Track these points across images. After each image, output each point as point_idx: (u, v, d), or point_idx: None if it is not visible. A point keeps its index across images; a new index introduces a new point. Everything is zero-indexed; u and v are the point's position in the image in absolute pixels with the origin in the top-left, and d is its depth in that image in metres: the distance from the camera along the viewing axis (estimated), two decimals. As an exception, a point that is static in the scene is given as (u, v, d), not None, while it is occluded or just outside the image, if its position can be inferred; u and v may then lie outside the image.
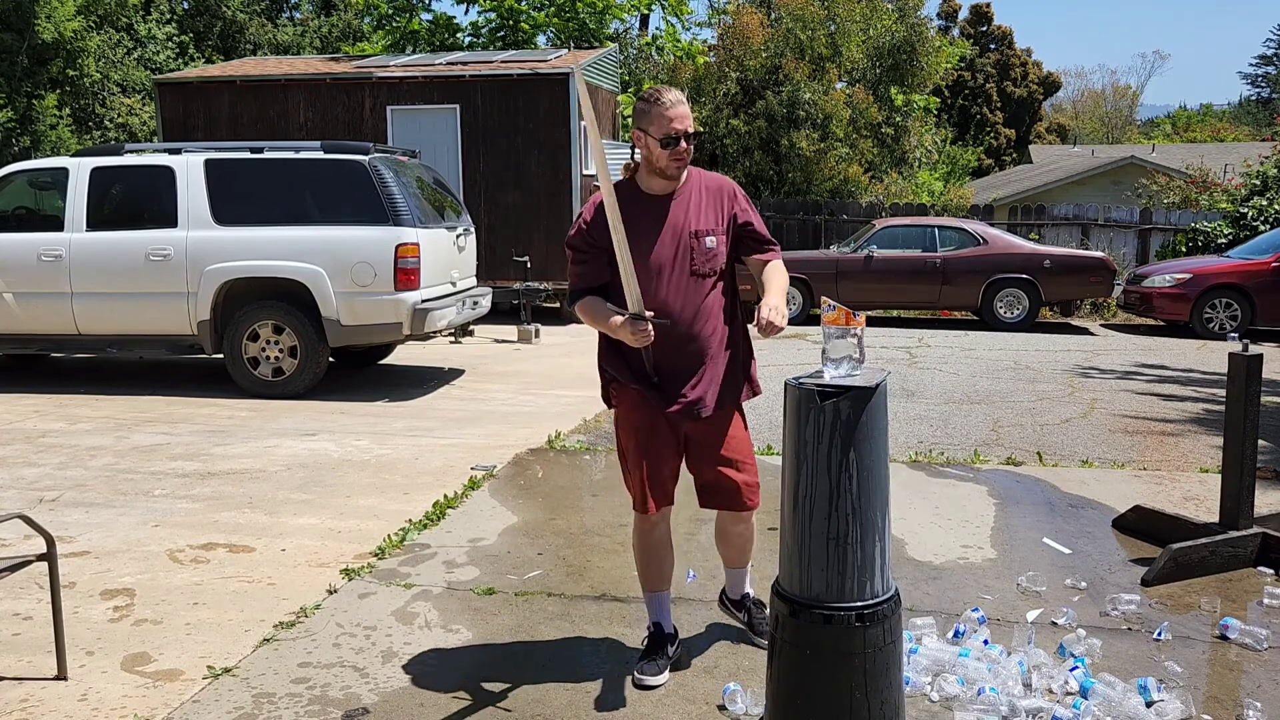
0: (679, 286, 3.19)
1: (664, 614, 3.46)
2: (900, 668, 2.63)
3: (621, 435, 3.36)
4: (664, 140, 3.12)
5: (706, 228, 3.22)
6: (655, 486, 3.29)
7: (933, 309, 14.30)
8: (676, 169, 3.19)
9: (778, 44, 20.93)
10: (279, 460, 6.17)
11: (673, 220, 3.21)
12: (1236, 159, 25.20)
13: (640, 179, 3.27)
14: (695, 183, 3.29)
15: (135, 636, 3.70)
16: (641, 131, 3.18)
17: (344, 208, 8.01)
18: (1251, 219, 15.59)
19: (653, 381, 3.23)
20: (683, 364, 3.21)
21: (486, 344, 11.23)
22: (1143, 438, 7.00)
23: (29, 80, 22.31)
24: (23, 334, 8.41)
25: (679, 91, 3.20)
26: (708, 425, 3.27)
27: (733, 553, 3.55)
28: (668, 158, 3.15)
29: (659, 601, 3.46)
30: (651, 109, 3.14)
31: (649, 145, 3.16)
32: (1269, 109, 59.73)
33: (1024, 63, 44.18)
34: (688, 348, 3.21)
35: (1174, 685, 3.29)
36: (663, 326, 3.11)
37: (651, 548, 3.40)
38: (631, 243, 3.08)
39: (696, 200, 3.25)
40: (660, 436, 3.28)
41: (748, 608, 3.63)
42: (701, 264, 3.21)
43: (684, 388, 3.21)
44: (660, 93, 3.15)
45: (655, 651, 3.39)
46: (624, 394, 3.31)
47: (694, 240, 3.20)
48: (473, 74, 13.35)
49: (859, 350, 2.65)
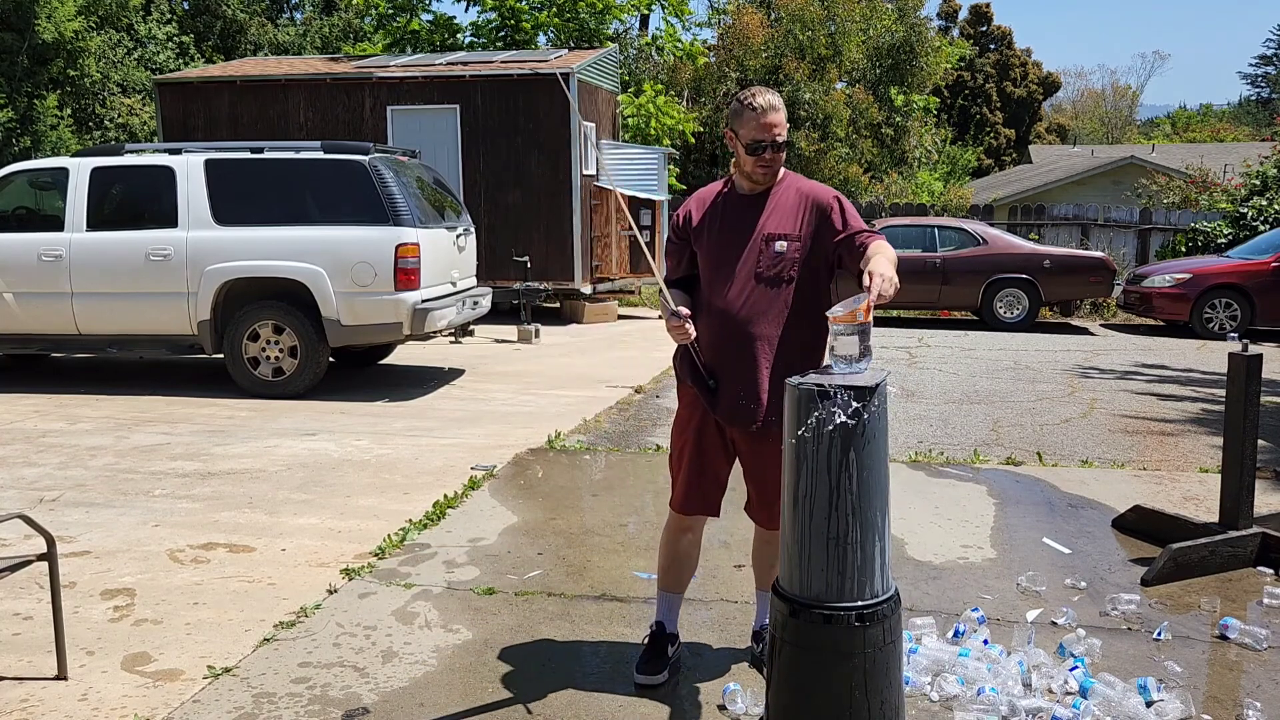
0: (743, 289, 3.12)
1: (671, 615, 3.46)
2: (900, 668, 2.63)
3: (674, 432, 3.36)
4: (750, 146, 3.08)
5: (780, 232, 3.12)
6: (692, 490, 3.28)
7: (933, 309, 14.30)
8: (762, 175, 3.13)
9: (778, 44, 20.94)
10: (279, 460, 6.17)
11: (751, 222, 3.16)
12: (1236, 159, 25.21)
13: (735, 178, 3.24)
14: (788, 186, 3.21)
15: (135, 636, 3.70)
16: (732, 132, 3.13)
17: (344, 208, 8.01)
18: (1251, 219, 15.60)
19: (709, 385, 3.17)
20: (739, 369, 3.12)
21: (486, 344, 11.23)
22: (1143, 438, 7.00)
23: (29, 80, 22.30)
24: (23, 334, 8.41)
25: (776, 95, 3.11)
26: (757, 438, 3.17)
27: (760, 569, 3.48)
28: (753, 164, 3.11)
29: (669, 602, 3.45)
30: (744, 111, 3.07)
31: (738, 148, 3.12)
32: (1269, 109, 59.72)
33: (1024, 63, 44.16)
34: (745, 352, 3.11)
35: (1174, 685, 3.29)
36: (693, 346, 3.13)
37: (677, 552, 3.40)
38: (712, 241, 3.15)
39: (783, 204, 3.17)
40: (708, 440, 3.25)
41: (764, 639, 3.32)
42: (767, 268, 3.11)
43: (737, 393, 3.13)
44: (755, 96, 3.07)
45: (655, 652, 3.39)
46: (684, 393, 3.31)
47: (763, 244, 3.12)
48: (473, 74, 13.35)
49: (866, 347, 2.66)
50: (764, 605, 3.46)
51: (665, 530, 3.43)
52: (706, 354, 3.15)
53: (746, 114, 3.06)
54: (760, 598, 3.51)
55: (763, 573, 3.45)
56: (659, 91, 19.72)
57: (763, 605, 3.48)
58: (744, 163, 3.13)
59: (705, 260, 3.19)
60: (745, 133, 3.07)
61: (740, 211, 3.18)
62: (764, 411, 3.11)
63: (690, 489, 3.27)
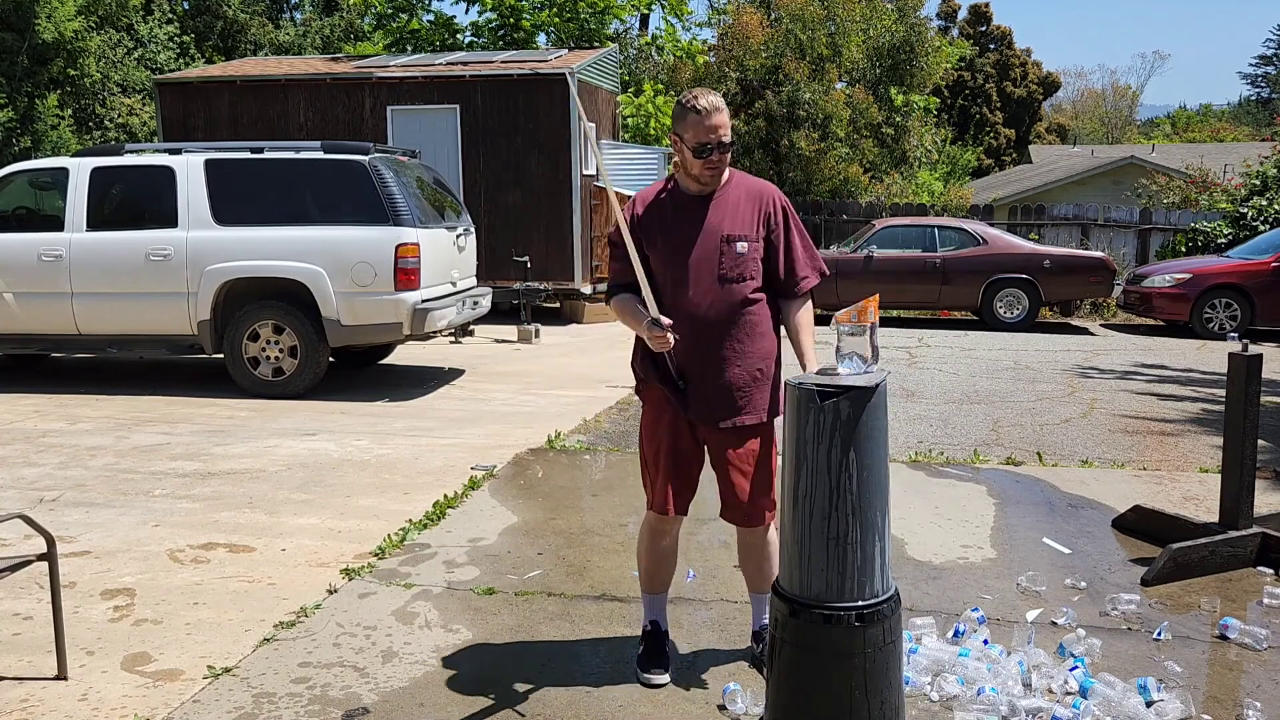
0: (707, 290, 3.13)
1: (661, 614, 3.50)
2: (900, 667, 2.63)
3: (644, 436, 3.34)
4: (696, 149, 3.08)
5: (740, 234, 3.15)
6: (673, 490, 3.28)
7: (933, 309, 14.30)
8: (710, 176, 3.15)
9: (777, 44, 20.93)
10: (279, 460, 6.17)
11: (707, 223, 3.16)
12: (1236, 159, 25.20)
13: (679, 179, 3.24)
14: (736, 185, 3.23)
15: (135, 636, 3.70)
16: (677, 136, 3.13)
17: (344, 208, 8.01)
18: (1251, 219, 15.60)
19: (678, 386, 3.18)
20: (708, 369, 3.15)
21: (486, 344, 11.23)
22: (1142, 438, 7.00)
23: (30, 80, 22.31)
24: (23, 334, 8.41)
25: (718, 96, 3.12)
26: (727, 435, 3.20)
27: (749, 571, 3.44)
28: (700, 166, 3.12)
29: (658, 603, 3.49)
30: (688, 114, 3.08)
31: (683, 151, 3.13)
32: (1269, 109, 59.73)
33: (1023, 63, 44.17)
34: (714, 352, 3.14)
35: (1174, 685, 3.29)
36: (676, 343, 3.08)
37: (658, 552, 3.40)
38: (666, 243, 3.13)
39: (734, 204, 3.19)
40: (680, 440, 3.25)
41: (764, 639, 3.28)
42: (730, 269, 3.14)
43: (707, 393, 3.16)
44: (697, 98, 3.08)
45: (656, 650, 3.41)
46: (650, 395, 3.29)
47: (725, 245, 3.14)
48: (473, 74, 13.35)
49: (873, 348, 2.67)
50: (760, 606, 3.45)
51: (644, 536, 3.41)
52: (676, 356, 3.14)
53: (690, 117, 3.07)
54: (756, 600, 3.48)
55: (753, 576, 3.43)
56: (659, 91, 19.72)
57: (759, 606, 3.46)
58: (691, 165, 3.13)
59: (663, 262, 3.17)
60: (690, 136, 3.08)
61: (692, 212, 3.18)
62: (735, 408, 3.16)
63: (671, 489, 3.27)
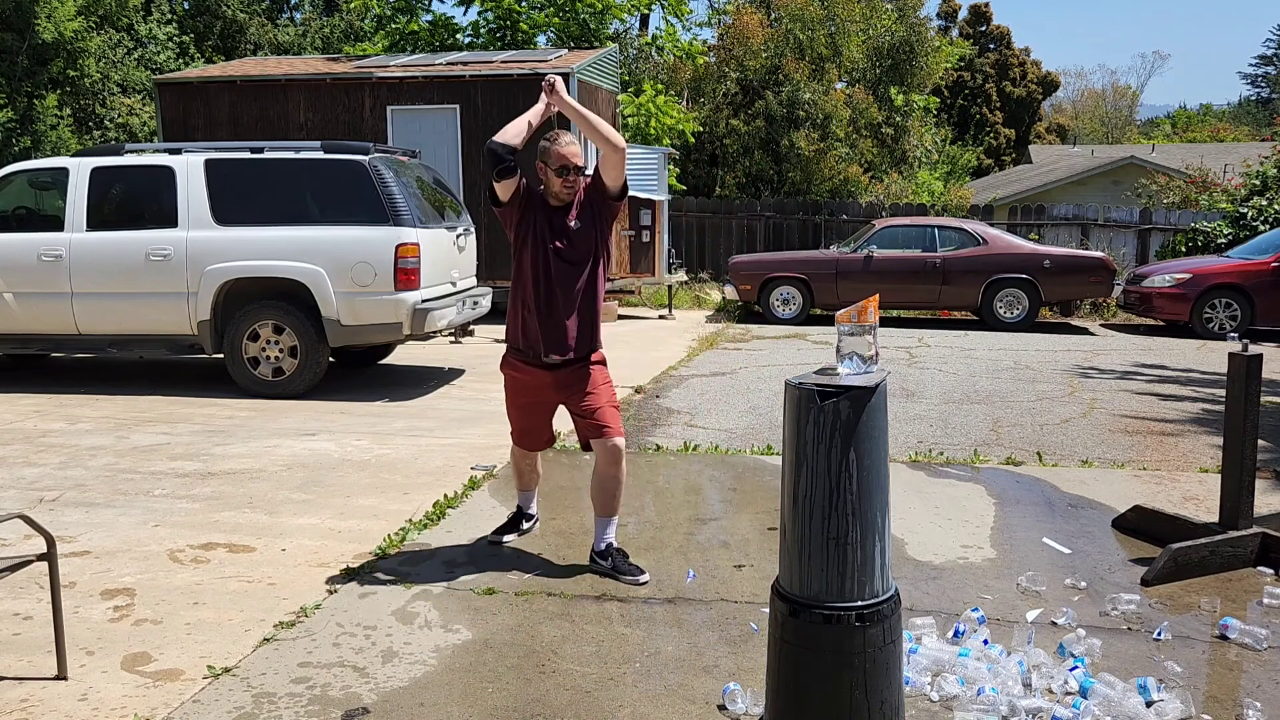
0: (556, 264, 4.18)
1: (528, 502, 4.77)
2: (900, 667, 2.63)
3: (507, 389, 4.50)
4: (558, 171, 4.13)
5: (581, 226, 4.22)
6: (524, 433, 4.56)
7: (932, 309, 14.30)
8: (568, 193, 4.19)
9: (777, 44, 20.95)
10: (279, 460, 6.17)
11: (562, 223, 4.21)
12: (1236, 159, 25.23)
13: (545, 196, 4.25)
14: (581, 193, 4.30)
15: (135, 636, 3.70)
16: (543, 164, 4.16)
17: (344, 208, 8.01)
18: (1251, 219, 15.60)
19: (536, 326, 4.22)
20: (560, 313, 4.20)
21: (486, 344, 11.23)
22: (1142, 438, 7.00)
23: (29, 80, 22.32)
24: (23, 334, 8.41)
25: (573, 135, 4.26)
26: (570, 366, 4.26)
27: (600, 498, 4.26)
28: (560, 184, 4.16)
29: (526, 496, 4.76)
30: (551, 148, 4.14)
31: (549, 174, 4.16)
32: (1269, 109, 59.77)
33: (1023, 62, 44.16)
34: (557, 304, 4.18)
35: (1174, 685, 3.29)
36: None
37: (522, 469, 4.69)
38: (536, 227, 4.19)
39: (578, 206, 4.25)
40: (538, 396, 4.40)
41: (610, 555, 4.27)
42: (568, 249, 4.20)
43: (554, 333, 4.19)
44: (558, 135, 4.16)
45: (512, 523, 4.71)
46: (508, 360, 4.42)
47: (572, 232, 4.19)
48: (473, 74, 13.36)
49: (873, 348, 2.67)
50: (602, 529, 4.29)
51: (512, 457, 4.68)
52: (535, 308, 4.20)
53: (553, 149, 4.14)
54: (600, 523, 4.30)
55: (601, 501, 4.27)
56: (659, 91, 19.72)
57: (601, 529, 4.30)
58: (553, 184, 4.17)
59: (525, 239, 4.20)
60: (552, 161, 4.14)
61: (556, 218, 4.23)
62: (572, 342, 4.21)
63: (523, 433, 4.52)
